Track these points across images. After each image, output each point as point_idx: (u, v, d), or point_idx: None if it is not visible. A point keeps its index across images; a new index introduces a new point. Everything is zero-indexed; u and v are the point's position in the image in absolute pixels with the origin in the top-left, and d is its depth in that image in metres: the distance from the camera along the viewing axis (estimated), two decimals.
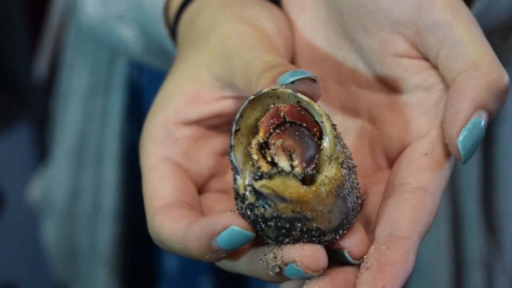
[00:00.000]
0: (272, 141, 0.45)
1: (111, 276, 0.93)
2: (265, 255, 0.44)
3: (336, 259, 0.44)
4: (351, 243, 0.44)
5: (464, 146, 0.44)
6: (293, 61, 0.55)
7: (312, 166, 0.44)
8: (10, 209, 1.56)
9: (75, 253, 0.98)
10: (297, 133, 0.45)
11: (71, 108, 0.93)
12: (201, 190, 0.51)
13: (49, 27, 1.27)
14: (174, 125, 0.50)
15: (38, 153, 1.57)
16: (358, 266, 0.44)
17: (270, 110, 0.45)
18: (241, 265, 0.45)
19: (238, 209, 0.44)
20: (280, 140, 0.44)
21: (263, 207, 0.43)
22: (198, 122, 0.51)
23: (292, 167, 0.44)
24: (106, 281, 0.93)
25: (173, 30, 0.58)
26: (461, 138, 0.44)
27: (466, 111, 0.44)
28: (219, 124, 0.52)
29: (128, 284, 0.95)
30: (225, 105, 0.51)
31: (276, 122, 0.45)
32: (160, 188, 0.48)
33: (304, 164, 0.44)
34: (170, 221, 0.46)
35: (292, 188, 0.43)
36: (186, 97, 0.50)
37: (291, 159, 0.44)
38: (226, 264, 0.46)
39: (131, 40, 0.64)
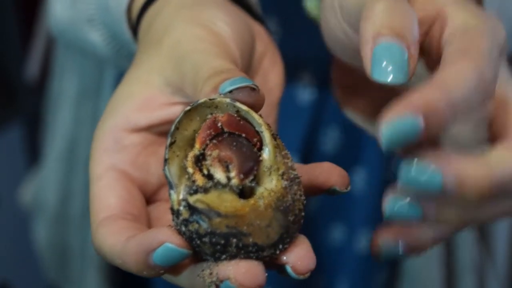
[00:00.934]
0: (208, 152, 0.43)
1: (102, 277, 0.92)
2: (203, 271, 0.42)
3: (281, 274, 0.43)
4: (295, 257, 0.42)
5: (379, 75, 0.43)
6: (256, 65, 0.54)
7: (251, 177, 0.43)
8: (3, 209, 1.55)
9: (66, 255, 0.97)
10: (234, 143, 0.43)
11: (62, 112, 0.92)
12: (150, 199, 0.50)
13: (41, 28, 1.27)
14: (122, 131, 0.49)
15: (30, 154, 1.56)
16: None
17: (206, 120, 0.44)
18: (182, 280, 0.44)
19: (174, 224, 0.43)
20: (217, 151, 0.43)
21: (197, 222, 0.41)
22: (148, 128, 0.49)
23: (229, 178, 0.43)
24: (97, 283, 0.93)
25: (136, 32, 0.57)
26: (372, 69, 0.43)
27: (368, 37, 0.44)
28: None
29: (119, 286, 0.94)
30: (176, 111, 0.49)
31: (213, 133, 0.44)
32: (105, 198, 0.47)
33: (241, 176, 0.42)
34: (111, 234, 0.45)
35: (228, 202, 0.42)
36: (136, 103, 0.49)
37: (228, 170, 0.43)
38: (169, 278, 0.45)
39: (100, 44, 0.63)
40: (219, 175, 0.43)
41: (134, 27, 0.57)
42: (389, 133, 0.40)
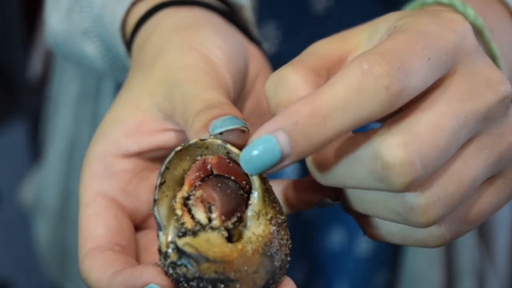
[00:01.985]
0: (193, 192, 0.43)
1: None
2: None
3: None
4: None
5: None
6: (250, 86, 0.54)
7: (234, 219, 0.43)
8: (4, 207, 1.55)
9: (67, 254, 0.97)
10: (219, 185, 0.43)
11: (62, 112, 0.92)
12: (140, 226, 0.49)
13: (44, 27, 1.26)
14: (113, 157, 0.48)
15: (32, 152, 1.56)
16: None
17: (196, 162, 0.44)
18: None
19: (161, 265, 0.42)
20: (200, 191, 0.43)
21: (185, 266, 0.41)
22: (139, 154, 0.48)
23: (210, 220, 0.43)
24: None
25: (130, 48, 0.56)
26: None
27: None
28: (162, 156, 0.49)
29: None
30: (168, 137, 0.49)
31: (202, 175, 0.44)
32: (93, 227, 0.46)
33: (223, 217, 0.43)
34: (97, 267, 0.44)
35: (217, 246, 0.42)
36: (127, 128, 0.48)
37: (210, 211, 0.43)
38: None
39: (96, 56, 0.62)
40: (200, 215, 0.43)
41: (128, 43, 0.56)
42: (246, 159, 0.40)
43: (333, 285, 0.85)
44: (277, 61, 0.58)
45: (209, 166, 0.44)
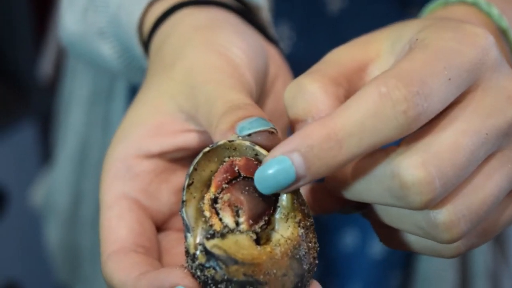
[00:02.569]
0: (220, 196, 0.43)
1: None
2: None
3: None
4: None
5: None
6: (269, 87, 0.53)
7: (262, 223, 0.43)
8: (14, 208, 1.55)
9: (78, 256, 0.97)
10: (247, 187, 0.43)
11: (74, 113, 0.92)
12: (161, 228, 0.49)
13: (54, 26, 1.26)
14: (134, 158, 0.47)
15: (42, 152, 1.56)
16: None
17: (224, 164, 0.43)
18: None
19: (188, 266, 0.42)
20: (228, 194, 0.43)
21: (214, 268, 0.41)
22: (160, 155, 0.48)
23: (238, 224, 0.42)
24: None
25: (147, 48, 0.56)
26: None
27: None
28: (183, 157, 0.49)
29: None
30: (189, 138, 0.48)
31: (229, 177, 0.43)
32: (116, 229, 0.46)
33: (250, 221, 0.42)
34: (121, 270, 0.43)
35: (246, 249, 0.41)
36: (148, 129, 0.48)
37: (237, 215, 0.42)
38: None
39: (112, 57, 0.62)
40: (227, 219, 0.42)
41: (146, 43, 0.55)
42: (261, 178, 0.41)
43: (346, 286, 0.85)
44: (291, 62, 0.59)
45: (236, 168, 0.43)
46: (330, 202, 0.47)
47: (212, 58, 0.48)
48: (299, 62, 0.57)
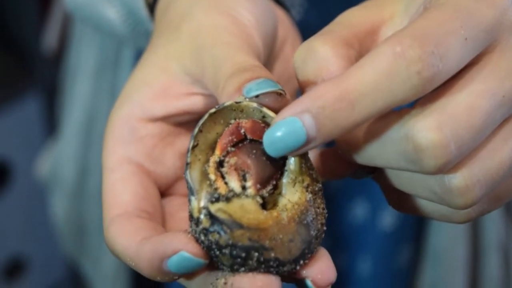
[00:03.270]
0: (226, 159, 0.42)
1: None
2: (217, 279, 0.41)
3: (299, 287, 0.42)
4: (315, 271, 0.41)
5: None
6: (278, 50, 0.52)
7: (269, 188, 0.41)
8: (19, 181, 1.55)
9: (84, 229, 0.97)
10: (254, 151, 0.42)
11: (80, 84, 0.91)
12: (165, 192, 0.48)
13: None
14: (138, 121, 0.47)
15: (47, 124, 1.56)
16: None
17: (229, 126, 0.42)
18: (194, 285, 0.43)
19: (191, 231, 0.41)
20: (234, 158, 0.41)
21: (218, 233, 0.39)
22: (165, 118, 0.47)
23: (244, 188, 0.41)
24: (114, 257, 0.92)
25: (153, 10, 0.54)
26: None
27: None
28: (188, 121, 0.48)
29: None
30: (195, 101, 0.47)
31: (235, 139, 0.42)
32: (119, 193, 0.45)
33: (258, 186, 0.41)
34: (124, 234, 0.42)
35: (251, 213, 0.40)
36: (153, 91, 0.47)
37: (244, 179, 0.41)
38: (180, 280, 0.43)
39: (117, 21, 0.60)
40: (233, 183, 0.41)
41: (151, 5, 0.54)
42: (270, 141, 0.39)
43: (355, 260, 0.84)
44: (302, 29, 0.57)
45: (242, 130, 0.42)
46: (341, 167, 0.46)
47: (219, 19, 0.47)
48: (310, 29, 0.54)
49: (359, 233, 0.83)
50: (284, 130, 0.39)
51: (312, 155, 0.47)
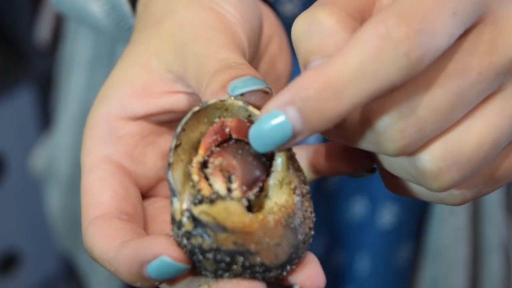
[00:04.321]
0: (211, 160, 0.40)
1: None
2: (200, 286, 0.39)
3: None
4: (303, 277, 0.40)
5: None
6: (263, 48, 0.51)
7: (255, 190, 0.40)
8: (13, 174, 1.54)
9: (79, 223, 0.94)
10: (240, 151, 0.40)
11: (74, 77, 0.90)
12: (147, 194, 0.47)
13: None
14: (118, 120, 0.45)
15: (41, 117, 1.55)
16: None
17: (214, 125, 0.41)
18: None
19: (173, 235, 0.39)
20: (219, 159, 0.40)
21: (201, 236, 0.38)
22: (146, 117, 0.46)
23: (230, 190, 0.39)
24: None
25: (135, 5, 0.53)
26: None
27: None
28: (170, 120, 0.47)
29: None
30: (177, 100, 0.45)
31: (219, 138, 0.40)
32: (98, 193, 0.43)
33: (244, 188, 0.39)
34: (103, 237, 0.41)
35: (236, 216, 0.38)
36: (133, 89, 0.45)
37: (229, 181, 0.40)
38: (161, 286, 0.42)
39: (100, 15, 0.59)
40: (218, 185, 0.39)
41: (134, 1, 0.53)
42: (255, 136, 0.37)
43: (354, 258, 0.83)
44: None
45: (227, 130, 0.41)
46: (340, 163, 0.45)
47: (202, 14, 0.45)
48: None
49: (358, 231, 0.82)
50: (269, 124, 0.36)
51: (308, 151, 0.46)
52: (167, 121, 0.47)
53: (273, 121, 0.36)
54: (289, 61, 0.53)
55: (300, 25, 0.40)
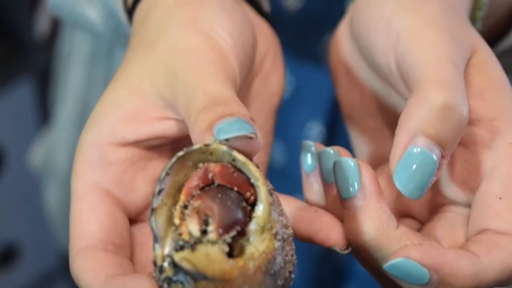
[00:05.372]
0: (191, 202, 0.40)
1: None
2: None
3: None
4: None
5: (401, 180, 0.42)
6: (257, 66, 0.51)
7: (232, 233, 0.40)
8: (11, 168, 1.54)
9: None
10: (219, 195, 0.40)
11: (73, 72, 0.89)
12: (135, 219, 0.47)
13: None
14: (108, 146, 0.45)
15: (39, 111, 1.55)
16: None
17: (197, 170, 0.41)
18: None
19: (155, 277, 0.40)
20: (198, 201, 0.40)
21: (182, 283, 0.38)
22: (137, 143, 0.46)
23: (206, 232, 0.39)
24: None
25: (132, 18, 0.53)
26: (396, 171, 0.42)
27: (402, 141, 0.42)
28: (160, 144, 0.47)
29: None
30: (168, 126, 0.45)
31: (201, 184, 0.41)
32: (86, 223, 0.43)
33: (220, 230, 0.39)
34: (89, 270, 0.41)
35: (216, 263, 0.39)
36: (124, 114, 0.45)
37: (206, 223, 0.40)
38: None
39: (97, 21, 0.59)
40: (192, 226, 0.40)
41: (130, 11, 0.53)
42: (396, 272, 0.41)
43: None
44: (301, 16, 0.57)
45: (210, 175, 0.41)
46: (317, 235, 0.45)
47: (194, 40, 0.45)
48: (310, 18, 0.56)
49: None
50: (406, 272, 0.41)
51: (293, 208, 0.47)
52: (157, 145, 0.47)
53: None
54: (282, 76, 0.53)
55: None
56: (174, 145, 0.47)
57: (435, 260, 0.40)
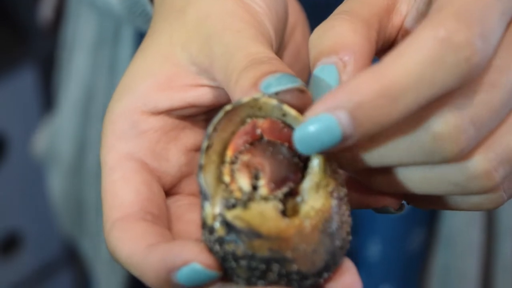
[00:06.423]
0: (239, 157, 0.39)
1: None
2: None
3: None
4: (340, 286, 0.39)
5: None
6: (288, 37, 0.49)
7: (285, 189, 0.38)
8: (14, 155, 1.53)
9: (82, 208, 0.95)
10: (270, 148, 0.39)
11: (77, 58, 0.88)
12: (170, 191, 0.45)
13: None
14: (140, 114, 0.43)
15: (43, 98, 1.54)
16: None
17: (245, 125, 0.39)
18: None
19: (204, 240, 0.38)
20: (248, 155, 0.38)
21: (235, 243, 0.36)
22: (169, 111, 0.44)
23: (255, 187, 0.38)
24: None
25: None
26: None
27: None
28: (193, 114, 0.45)
29: None
30: (202, 93, 0.44)
31: (249, 139, 0.39)
32: (121, 194, 0.41)
33: (272, 185, 0.38)
34: (128, 240, 0.39)
35: (271, 221, 0.37)
36: (156, 82, 0.43)
37: (256, 178, 0.38)
38: None
39: (115, 1, 0.57)
40: (242, 181, 0.38)
41: None
42: (301, 138, 0.36)
43: (366, 243, 0.82)
44: (312, 4, 0.55)
45: (259, 131, 0.39)
46: (369, 198, 0.43)
47: (229, 4, 0.44)
48: (322, 4, 0.54)
49: (370, 216, 0.80)
50: (318, 127, 0.35)
51: None
52: (190, 115, 0.45)
53: (322, 124, 0.35)
54: None
55: (315, 33, 0.40)
56: (208, 116, 0.46)
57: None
